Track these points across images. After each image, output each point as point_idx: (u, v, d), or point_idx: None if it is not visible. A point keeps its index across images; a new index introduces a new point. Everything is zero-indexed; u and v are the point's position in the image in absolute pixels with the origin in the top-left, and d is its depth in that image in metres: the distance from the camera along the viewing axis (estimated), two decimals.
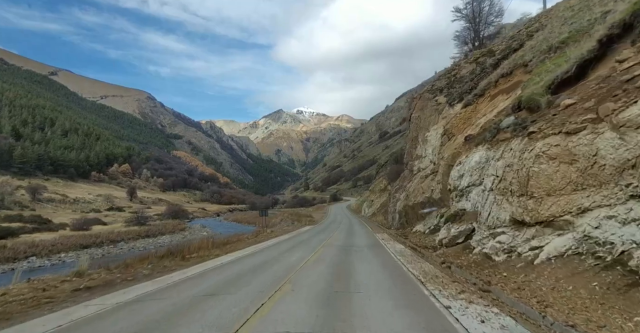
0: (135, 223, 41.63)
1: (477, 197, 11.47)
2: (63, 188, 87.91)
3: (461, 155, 14.21)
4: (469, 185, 11.95)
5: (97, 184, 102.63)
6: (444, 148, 18.77)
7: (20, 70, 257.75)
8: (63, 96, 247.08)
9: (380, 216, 38.21)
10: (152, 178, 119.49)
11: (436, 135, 22.45)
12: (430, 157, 22.50)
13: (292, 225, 33.54)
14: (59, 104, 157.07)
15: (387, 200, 44.68)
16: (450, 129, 18.61)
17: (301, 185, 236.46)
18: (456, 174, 13.11)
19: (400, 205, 23.32)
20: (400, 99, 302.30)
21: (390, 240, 17.61)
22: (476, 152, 12.30)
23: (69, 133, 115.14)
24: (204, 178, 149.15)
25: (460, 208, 12.64)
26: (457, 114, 19.13)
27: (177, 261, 10.86)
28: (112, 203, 78.08)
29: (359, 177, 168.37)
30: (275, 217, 46.58)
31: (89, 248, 25.58)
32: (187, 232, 40.74)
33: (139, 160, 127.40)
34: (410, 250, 13.21)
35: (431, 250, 11.52)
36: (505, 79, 17.51)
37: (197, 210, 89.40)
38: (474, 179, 11.72)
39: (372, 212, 47.90)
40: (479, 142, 13.15)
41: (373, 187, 57.14)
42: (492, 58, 21.42)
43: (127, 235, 31.79)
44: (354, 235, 21.98)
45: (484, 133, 13.64)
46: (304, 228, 30.45)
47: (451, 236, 10.24)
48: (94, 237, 28.64)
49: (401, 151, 58.90)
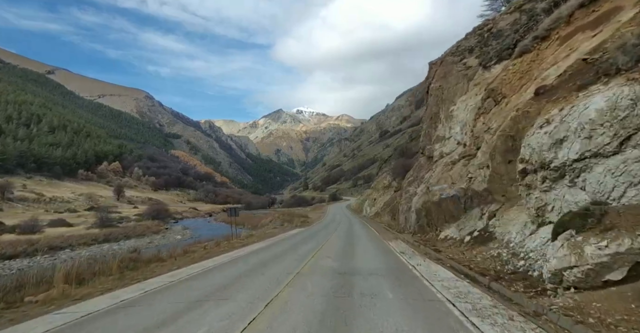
0: (99, 225, 35.68)
1: (608, 178, 5.55)
2: (45, 187, 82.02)
3: (541, 113, 8.25)
4: (583, 156, 6.03)
5: (84, 183, 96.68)
6: (488, 118, 12.77)
7: (16, 69, 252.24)
8: (59, 95, 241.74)
9: (385, 216, 32.31)
10: (144, 177, 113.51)
11: (466, 108, 16.48)
12: (458, 136, 16.54)
13: (279, 227, 27.65)
14: (49, 100, 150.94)
15: (393, 197, 38.79)
16: (498, 88, 12.63)
17: (300, 184, 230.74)
18: (542, 141, 7.16)
19: (418, 202, 17.30)
20: (401, 98, 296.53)
21: (416, 255, 11.46)
22: (595, 95, 6.34)
23: (56, 130, 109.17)
24: (200, 177, 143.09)
25: (555, 198, 6.71)
26: (506, 69, 13.16)
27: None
28: (95, 202, 72.16)
29: (359, 176, 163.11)
30: (266, 217, 40.68)
31: (13, 260, 19.69)
32: (160, 235, 34.85)
33: (131, 158, 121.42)
34: (479, 289, 6.36)
35: (532, 293, 5.33)
36: (584, 11, 11.56)
37: (188, 210, 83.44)
38: (598, 143, 5.80)
39: (375, 212, 42.01)
40: (588, 82, 7.18)
41: (375, 185, 51.21)
42: (545, 1, 15.56)
43: (80, 240, 25.91)
44: (356, 244, 15.85)
45: (586, 72, 7.67)
46: (292, 231, 24.51)
47: (593, 265, 4.32)
48: (29, 243, 22.67)
49: (406, 144, 53.00)
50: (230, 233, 23.04)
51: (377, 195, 47.16)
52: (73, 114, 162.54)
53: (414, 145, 47.15)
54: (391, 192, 41.70)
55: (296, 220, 33.85)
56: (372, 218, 40.04)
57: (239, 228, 44.98)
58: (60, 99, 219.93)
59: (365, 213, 51.11)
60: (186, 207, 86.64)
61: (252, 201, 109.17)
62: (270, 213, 47.46)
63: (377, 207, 43.48)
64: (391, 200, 37.43)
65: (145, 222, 46.81)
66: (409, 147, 47.18)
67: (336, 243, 16.21)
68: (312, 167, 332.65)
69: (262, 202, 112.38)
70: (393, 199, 37.37)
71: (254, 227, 39.22)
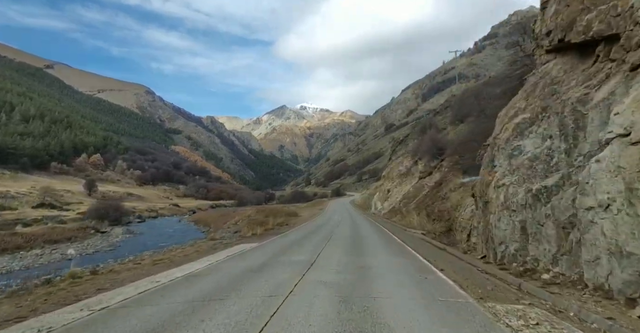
0: None
1: None
2: (7, 181, 70.42)
3: None
4: None
5: (56, 177, 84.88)
6: None
7: (12, 62, 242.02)
8: (56, 89, 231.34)
9: (413, 215, 19.44)
10: (129, 171, 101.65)
11: None
12: None
13: (229, 239, 15.01)
14: (32, 90, 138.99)
15: (418, 187, 26.00)
16: None
17: (303, 180, 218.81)
18: None
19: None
20: (407, 91, 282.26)
21: None
22: None
23: (32, 119, 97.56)
24: (193, 171, 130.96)
25: None
26: None
27: None
28: (54, 198, 60.22)
29: (364, 171, 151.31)
30: (232, 217, 28.27)
31: None
32: (64, 245, 22.51)
33: (116, 150, 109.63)
34: None
35: None
36: None
37: (168, 206, 71.38)
38: None
39: (391, 208, 29.35)
40: None
41: (388, 173, 38.37)
42: None
43: None
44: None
45: None
46: (237, 248, 11.77)
47: None
48: None
49: (430, 119, 40.14)
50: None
51: (392, 185, 34.38)
52: (70, 109, 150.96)
53: (439, 121, 34.26)
54: (414, 180, 28.90)
55: (272, 222, 21.24)
56: (386, 217, 27.29)
57: (203, 230, 32.58)
58: (56, 93, 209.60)
59: (375, 209, 38.34)
60: (166, 204, 74.51)
61: (246, 197, 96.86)
62: (240, 212, 34.78)
63: (393, 200, 30.71)
64: (416, 191, 24.69)
65: (84, 222, 34.53)
66: (433, 122, 34.33)
67: None
68: (316, 163, 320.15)
69: (258, 197, 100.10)
70: (419, 189, 24.54)
71: (216, 229, 26.80)
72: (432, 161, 24.50)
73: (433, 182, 21.67)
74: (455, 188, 16.16)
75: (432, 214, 16.88)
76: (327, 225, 21.54)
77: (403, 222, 19.79)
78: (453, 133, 25.57)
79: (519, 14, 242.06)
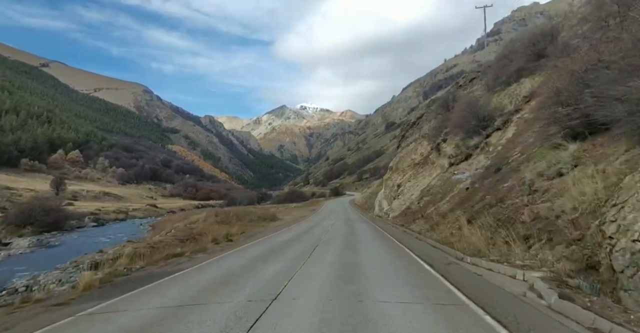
0: None
1: None
2: None
3: None
4: None
5: (26, 175, 75.99)
6: None
7: (6, 60, 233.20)
8: (50, 87, 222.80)
9: (453, 223, 10.53)
10: (110, 169, 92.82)
11: None
12: None
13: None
14: (10, 82, 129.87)
15: (447, 179, 16.93)
16: None
17: (302, 180, 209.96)
18: None
19: None
20: (408, 89, 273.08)
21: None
22: None
23: (5, 113, 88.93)
24: (184, 170, 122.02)
25: None
26: None
27: None
28: (8, 199, 51.40)
29: (364, 170, 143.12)
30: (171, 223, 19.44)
31: None
32: None
33: (99, 147, 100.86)
34: None
35: None
36: None
37: (144, 207, 62.46)
38: None
39: (405, 209, 20.34)
40: None
41: (398, 163, 29.40)
42: None
43: None
44: None
45: None
46: None
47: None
48: None
49: (455, 92, 31.09)
50: None
51: (403, 178, 25.35)
52: (65, 109, 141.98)
53: (467, 94, 25.39)
54: (436, 171, 19.89)
55: (213, 234, 12.39)
56: (399, 223, 18.19)
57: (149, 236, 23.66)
58: (50, 91, 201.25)
59: (380, 211, 29.29)
60: (143, 204, 65.61)
61: (236, 197, 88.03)
62: (198, 215, 25.75)
63: (406, 198, 21.67)
64: (445, 184, 15.74)
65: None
66: (458, 95, 25.43)
67: None
68: (316, 163, 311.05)
69: (250, 197, 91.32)
70: (449, 182, 15.57)
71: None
72: (471, 138, 15.60)
73: (482, 166, 12.71)
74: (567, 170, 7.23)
75: (509, 222, 7.92)
76: (306, 239, 12.67)
77: (437, 236, 10.83)
78: (529, 83, 16.45)
79: (522, 10, 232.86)
